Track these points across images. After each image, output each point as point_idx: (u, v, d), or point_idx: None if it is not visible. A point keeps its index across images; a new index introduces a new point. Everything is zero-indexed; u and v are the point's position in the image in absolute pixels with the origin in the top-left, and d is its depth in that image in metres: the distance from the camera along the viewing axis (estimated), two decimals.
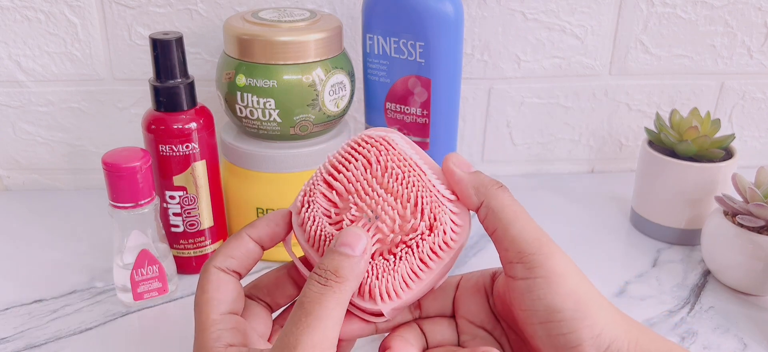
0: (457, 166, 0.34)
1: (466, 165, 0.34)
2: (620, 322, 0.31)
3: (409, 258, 0.32)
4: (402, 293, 0.32)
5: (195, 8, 0.64)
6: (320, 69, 0.53)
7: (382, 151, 0.34)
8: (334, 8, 0.65)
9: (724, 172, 0.58)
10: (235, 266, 0.35)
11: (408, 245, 0.33)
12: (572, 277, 0.31)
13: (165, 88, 0.50)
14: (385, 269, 0.32)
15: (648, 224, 0.63)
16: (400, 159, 0.33)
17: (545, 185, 0.74)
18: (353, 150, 0.35)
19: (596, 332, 0.30)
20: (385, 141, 0.34)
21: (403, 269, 0.32)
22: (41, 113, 0.67)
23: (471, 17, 0.67)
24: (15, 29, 0.63)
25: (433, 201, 0.33)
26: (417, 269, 0.33)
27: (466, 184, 0.33)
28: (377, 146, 0.34)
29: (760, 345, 0.49)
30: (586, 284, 0.32)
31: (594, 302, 0.31)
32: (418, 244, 0.32)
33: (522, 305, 0.32)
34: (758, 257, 0.51)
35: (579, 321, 0.30)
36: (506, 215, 0.32)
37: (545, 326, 0.31)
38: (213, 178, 0.54)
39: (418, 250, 0.32)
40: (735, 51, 0.71)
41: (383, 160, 0.34)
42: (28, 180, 0.71)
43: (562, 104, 0.73)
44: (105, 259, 0.58)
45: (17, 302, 0.52)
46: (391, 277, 0.32)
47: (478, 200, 0.33)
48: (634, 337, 0.31)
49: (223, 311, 0.33)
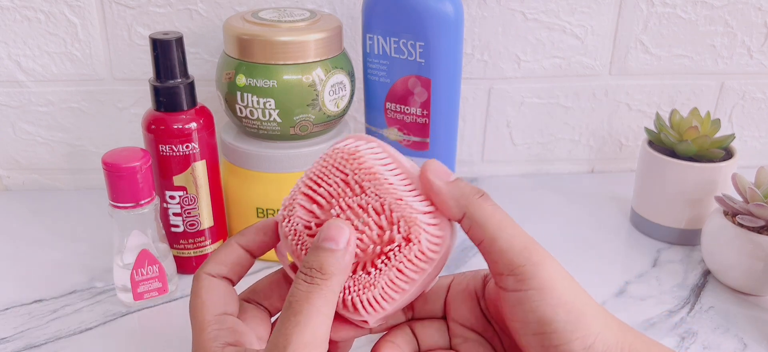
0: (435, 175, 0.32)
1: (444, 173, 0.32)
2: (614, 328, 0.31)
3: (388, 271, 0.32)
4: (385, 305, 0.32)
5: (195, 8, 0.64)
6: (320, 69, 0.53)
7: (353, 163, 0.33)
8: (334, 8, 0.65)
9: (724, 172, 0.58)
10: (226, 273, 0.35)
11: (387, 257, 0.32)
12: (563, 286, 0.30)
13: (165, 88, 0.50)
14: (366, 282, 0.32)
15: (648, 224, 0.63)
16: (369, 172, 0.32)
17: (545, 185, 0.74)
18: (328, 164, 0.34)
19: (589, 342, 0.30)
20: (352, 156, 0.33)
21: (383, 281, 0.32)
22: (41, 113, 0.67)
23: (471, 17, 0.67)
24: (15, 29, 0.63)
25: (404, 214, 0.31)
26: (396, 280, 0.32)
27: (445, 196, 0.32)
28: (349, 159, 0.33)
29: (760, 345, 0.49)
30: (578, 292, 0.31)
31: (588, 310, 0.31)
32: (395, 255, 0.32)
33: (514, 316, 0.31)
34: (758, 257, 0.51)
35: (571, 332, 0.30)
36: (491, 226, 0.31)
37: (538, 337, 0.30)
38: (213, 178, 0.54)
39: (397, 261, 0.32)
40: (735, 51, 0.72)
41: (356, 173, 0.33)
42: (28, 180, 0.71)
43: (562, 104, 0.73)
44: (105, 259, 0.58)
45: (17, 302, 0.52)
46: (373, 289, 0.32)
47: (459, 212, 0.32)
48: (628, 342, 0.31)
49: (218, 313, 0.33)
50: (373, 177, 0.32)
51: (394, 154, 0.34)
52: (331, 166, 0.34)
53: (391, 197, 0.32)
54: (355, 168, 0.33)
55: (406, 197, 0.32)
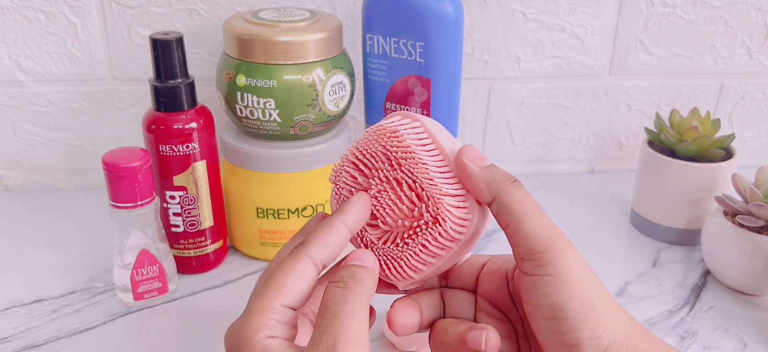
0: (470, 160, 0.33)
1: (479, 158, 0.34)
2: (625, 326, 0.31)
3: (414, 246, 0.34)
4: (411, 273, 0.34)
5: (195, 8, 0.64)
6: (320, 69, 0.53)
7: (393, 140, 0.34)
8: (334, 8, 0.65)
9: (724, 172, 0.58)
10: (327, 258, 0.33)
11: (415, 232, 0.34)
12: (581, 277, 0.31)
13: (165, 88, 0.50)
14: (395, 253, 0.34)
15: (648, 224, 0.63)
16: (406, 151, 0.34)
17: (545, 185, 0.74)
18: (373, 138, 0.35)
19: (596, 334, 0.30)
20: (392, 134, 0.35)
21: (409, 254, 0.34)
22: (41, 113, 0.67)
23: (471, 17, 0.67)
24: (15, 29, 0.63)
25: (432, 194, 0.33)
26: (421, 254, 0.34)
27: (478, 179, 0.33)
28: (390, 137, 0.35)
29: (760, 345, 0.49)
30: (595, 285, 0.32)
31: (601, 303, 0.31)
32: (421, 232, 0.33)
33: (529, 299, 0.32)
34: (758, 257, 0.51)
35: (581, 322, 0.30)
36: (518, 211, 0.32)
37: (548, 322, 0.31)
38: (213, 178, 0.54)
39: (422, 238, 0.33)
40: (735, 51, 0.72)
41: (395, 149, 0.34)
42: (28, 180, 0.71)
43: (562, 104, 0.73)
44: (105, 259, 0.58)
45: (17, 302, 0.52)
46: (399, 260, 0.34)
47: (489, 196, 0.33)
48: (636, 341, 0.31)
49: (287, 304, 0.31)
50: (409, 156, 0.34)
51: (436, 134, 0.35)
52: (375, 141, 0.35)
53: (423, 176, 0.33)
54: (395, 145, 0.34)
55: (437, 178, 0.33)
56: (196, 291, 0.54)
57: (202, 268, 0.56)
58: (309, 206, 0.56)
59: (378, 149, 0.35)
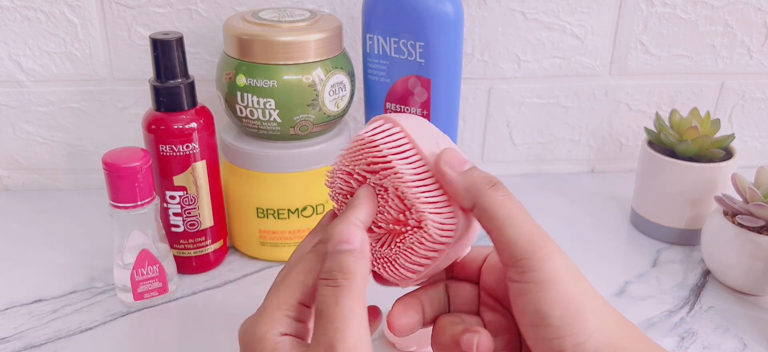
0: (447, 165, 0.32)
1: (459, 162, 0.32)
2: (612, 328, 0.31)
3: (404, 250, 0.33)
4: (411, 275, 0.34)
5: (195, 8, 0.64)
6: (320, 69, 0.53)
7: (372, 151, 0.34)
8: (334, 8, 0.65)
9: (724, 172, 0.58)
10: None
11: (403, 238, 0.33)
12: (565, 280, 0.30)
13: (165, 88, 0.50)
14: (387, 256, 0.34)
15: (648, 224, 0.63)
16: (384, 161, 0.34)
17: (545, 185, 0.74)
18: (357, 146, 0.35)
19: (581, 340, 0.30)
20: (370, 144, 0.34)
21: (400, 258, 0.34)
22: (41, 113, 0.67)
23: (471, 17, 0.67)
24: (15, 29, 0.63)
25: (414, 202, 0.32)
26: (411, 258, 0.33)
27: (457, 186, 0.32)
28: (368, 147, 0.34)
29: (760, 345, 0.49)
30: (580, 289, 0.31)
31: (587, 306, 0.30)
32: (409, 238, 0.33)
33: (515, 305, 0.32)
34: (758, 257, 0.52)
35: (564, 328, 0.30)
36: (498, 216, 0.31)
37: (533, 328, 0.31)
38: (213, 178, 0.54)
39: (409, 243, 0.33)
40: (735, 51, 0.72)
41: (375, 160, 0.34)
42: (28, 180, 0.71)
43: (562, 104, 0.73)
44: (105, 259, 0.58)
45: (17, 302, 0.52)
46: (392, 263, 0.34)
47: (470, 202, 0.32)
48: (622, 344, 0.30)
49: (303, 301, 0.31)
50: (388, 165, 0.33)
51: (418, 138, 0.34)
52: (357, 152, 0.35)
53: (402, 186, 0.33)
54: (374, 155, 0.34)
55: (415, 187, 0.33)
56: (196, 291, 0.54)
57: (202, 268, 0.56)
58: (309, 206, 0.56)
59: (361, 161, 0.35)
